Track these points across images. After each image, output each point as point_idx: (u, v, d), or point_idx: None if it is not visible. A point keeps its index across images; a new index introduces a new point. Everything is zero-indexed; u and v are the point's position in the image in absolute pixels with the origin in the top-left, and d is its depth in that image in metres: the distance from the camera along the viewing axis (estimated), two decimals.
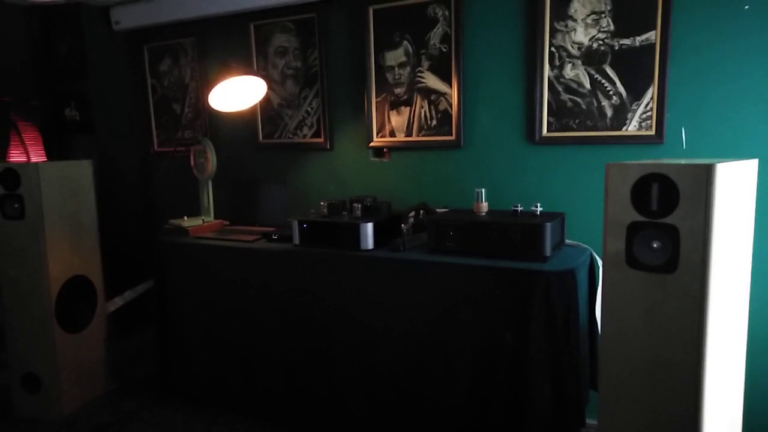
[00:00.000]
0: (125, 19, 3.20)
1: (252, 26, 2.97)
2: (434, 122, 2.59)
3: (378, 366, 2.19)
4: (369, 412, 2.24)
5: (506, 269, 1.92)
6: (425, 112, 2.60)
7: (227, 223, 2.97)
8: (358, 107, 2.77)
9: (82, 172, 2.74)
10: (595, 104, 2.26)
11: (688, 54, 2.09)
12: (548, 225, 1.93)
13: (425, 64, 2.56)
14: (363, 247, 2.21)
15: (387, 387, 2.19)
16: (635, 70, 2.17)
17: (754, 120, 2.02)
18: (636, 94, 2.18)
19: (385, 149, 2.75)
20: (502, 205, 2.35)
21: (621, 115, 2.22)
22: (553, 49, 2.30)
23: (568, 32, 2.27)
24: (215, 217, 2.97)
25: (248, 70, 2.79)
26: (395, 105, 2.67)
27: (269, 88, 2.92)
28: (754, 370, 2.05)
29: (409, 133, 2.66)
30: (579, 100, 2.29)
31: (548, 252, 1.94)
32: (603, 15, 2.20)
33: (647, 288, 1.37)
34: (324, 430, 2.36)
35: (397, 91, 2.65)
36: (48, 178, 2.54)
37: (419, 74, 2.59)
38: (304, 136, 2.94)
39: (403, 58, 2.61)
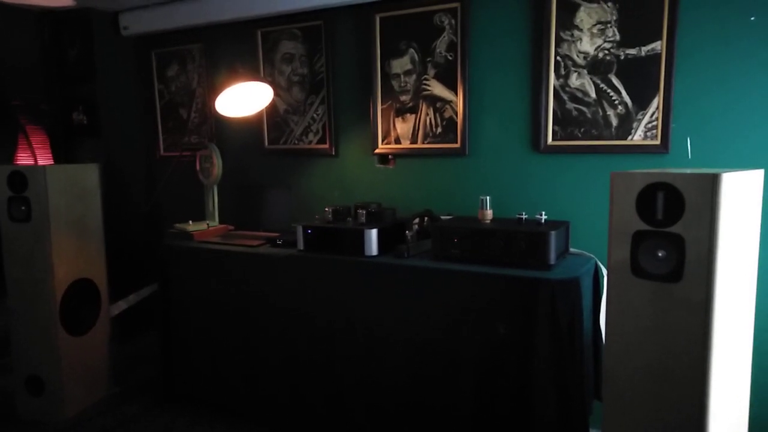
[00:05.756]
0: (133, 24, 3.23)
1: (259, 33, 2.99)
2: (439, 130, 2.59)
3: (381, 372, 2.19)
4: (372, 420, 2.24)
5: (510, 277, 1.91)
6: (431, 119, 2.61)
7: (232, 227, 2.98)
8: (363, 114, 2.78)
9: (88, 175, 2.76)
10: (601, 113, 2.27)
11: (693, 64, 2.09)
12: (553, 233, 1.93)
13: (431, 72, 2.57)
14: (367, 253, 2.21)
15: (390, 394, 2.18)
16: (641, 79, 2.17)
17: (760, 130, 2.02)
18: (641, 103, 2.18)
19: (390, 156, 2.76)
20: (507, 212, 2.35)
21: (626, 125, 2.22)
22: (558, 58, 2.31)
23: (574, 41, 2.28)
24: (220, 222, 2.98)
25: (255, 76, 2.81)
26: (401, 112, 2.68)
27: (275, 94, 2.93)
28: (760, 380, 2.03)
29: (414, 141, 2.67)
30: (584, 109, 2.29)
31: (553, 260, 1.94)
32: (609, 25, 2.21)
33: (652, 297, 1.37)
34: None
35: (403, 98, 2.66)
36: (55, 181, 2.55)
37: (425, 82, 2.60)
38: (310, 143, 2.95)
39: (409, 66, 2.63)
